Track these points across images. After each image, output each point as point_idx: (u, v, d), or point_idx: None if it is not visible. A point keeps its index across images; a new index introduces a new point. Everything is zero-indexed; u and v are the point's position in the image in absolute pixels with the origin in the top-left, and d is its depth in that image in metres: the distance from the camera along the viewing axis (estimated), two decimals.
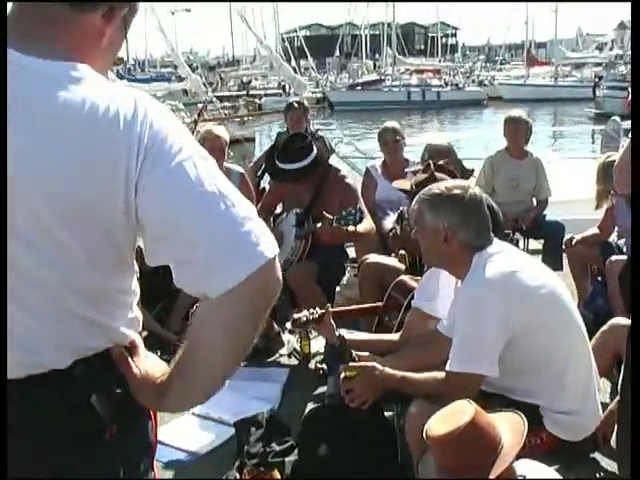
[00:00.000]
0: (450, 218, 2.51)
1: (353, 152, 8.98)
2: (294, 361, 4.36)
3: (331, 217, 3.99)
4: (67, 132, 1.14)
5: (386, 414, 3.03)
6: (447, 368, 2.44)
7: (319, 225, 4.10)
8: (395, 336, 3.09)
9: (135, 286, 1.36)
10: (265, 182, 5.80)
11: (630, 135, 2.12)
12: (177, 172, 1.16)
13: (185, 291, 1.20)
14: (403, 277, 3.49)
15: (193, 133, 10.31)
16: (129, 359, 1.32)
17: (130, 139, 1.15)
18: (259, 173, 5.89)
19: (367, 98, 40.40)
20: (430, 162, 3.52)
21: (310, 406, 3.40)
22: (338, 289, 4.81)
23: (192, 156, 1.19)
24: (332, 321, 3.04)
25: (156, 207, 1.17)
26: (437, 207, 2.53)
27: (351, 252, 5.04)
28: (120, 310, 1.31)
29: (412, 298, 3.13)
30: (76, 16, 1.22)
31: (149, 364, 1.34)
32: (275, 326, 4.60)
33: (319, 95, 39.72)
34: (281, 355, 4.47)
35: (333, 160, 6.89)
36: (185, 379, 1.24)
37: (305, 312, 3.13)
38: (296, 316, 3.11)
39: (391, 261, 4.08)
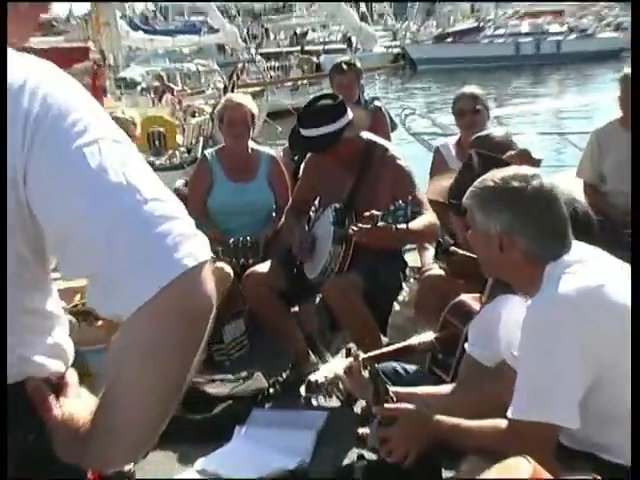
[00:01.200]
0: (504, 219, 2.48)
1: (429, 127, 8.97)
2: (335, 402, 4.39)
3: (377, 213, 3.95)
4: None
5: (445, 475, 3.04)
6: (509, 415, 2.42)
7: (360, 225, 4.05)
8: (448, 388, 3.07)
9: (55, 309, 1.41)
10: None
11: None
12: (74, 158, 1.21)
13: (100, 314, 1.25)
14: (463, 297, 3.43)
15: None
16: (49, 398, 1.36)
17: (15, 114, 1.21)
18: (296, 157, 5.92)
19: (460, 53, 40.19)
20: (472, 153, 3.40)
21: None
22: (397, 307, 4.83)
23: (99, 139, 1.23)
24: (364, 372, 2.97)
25: (46, 202, 1.22)
26: (488, 205, 2.50)
27: (414, 259, 5.05)
28: (32, 335, 1.36)
29: None
30: None
31: (79, 407, 1.37)
32: (311, 356, 4.66)
33: (396, 51, 39.65)
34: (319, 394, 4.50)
35: (395, 138, 6.97)
36: (106, 428, 1.28)
37: (324, 370, 3.07)
38: (312, 378, 3.03)
39: None
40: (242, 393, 4.38)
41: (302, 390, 2.97)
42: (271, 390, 4.46)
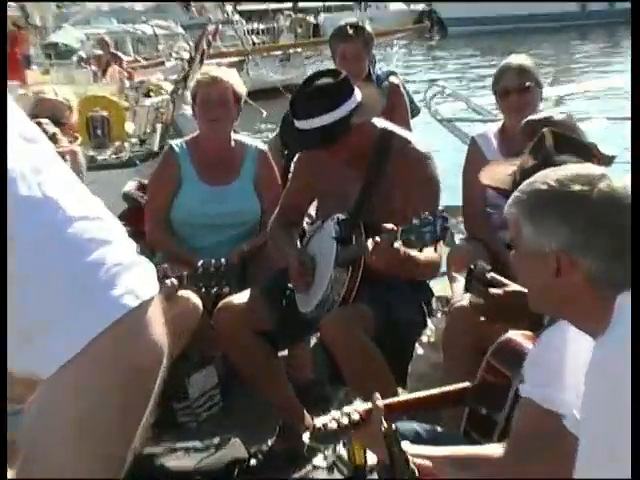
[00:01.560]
0: (563, 234, 2.47)
1: (463, 111, 9.00)
2: (338, 477, 4.41)
3: (394, 227, 3.91)
4: None
5: None
6: None
7: (372, 242, 3.98)
8: (496, 449, 3.08)
9: None
10: None
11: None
12: None
13: (11, 371, 1.25)
14: (511, 334, 3.44)
15: (186, 80, 10.50)
16: None
17: None
18: (287, 152, 5.94)
19: (505, 11, 40.32)
20: (545, 132, 3.46)
21: None
22: (419, 351, 4.84)
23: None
24: (384, 422, 2.97)
25: None
26: (540, 216, 2.50)
27: (443, 287, 5.07)
28: None
29: None
30: None
31: None
32: (306, 416, 4.66)
33: (420, 8, 39.83)
34: (316, 467, 4.54)
35: (417, 125, 6.99)
36: None
37: (334, 413, 3.10)
38: (318, 423, 3.07)
39: None
40: (213, 466, 4.39)
41: (305, 438, 3.00)
42: (252, 462, 4.50)
